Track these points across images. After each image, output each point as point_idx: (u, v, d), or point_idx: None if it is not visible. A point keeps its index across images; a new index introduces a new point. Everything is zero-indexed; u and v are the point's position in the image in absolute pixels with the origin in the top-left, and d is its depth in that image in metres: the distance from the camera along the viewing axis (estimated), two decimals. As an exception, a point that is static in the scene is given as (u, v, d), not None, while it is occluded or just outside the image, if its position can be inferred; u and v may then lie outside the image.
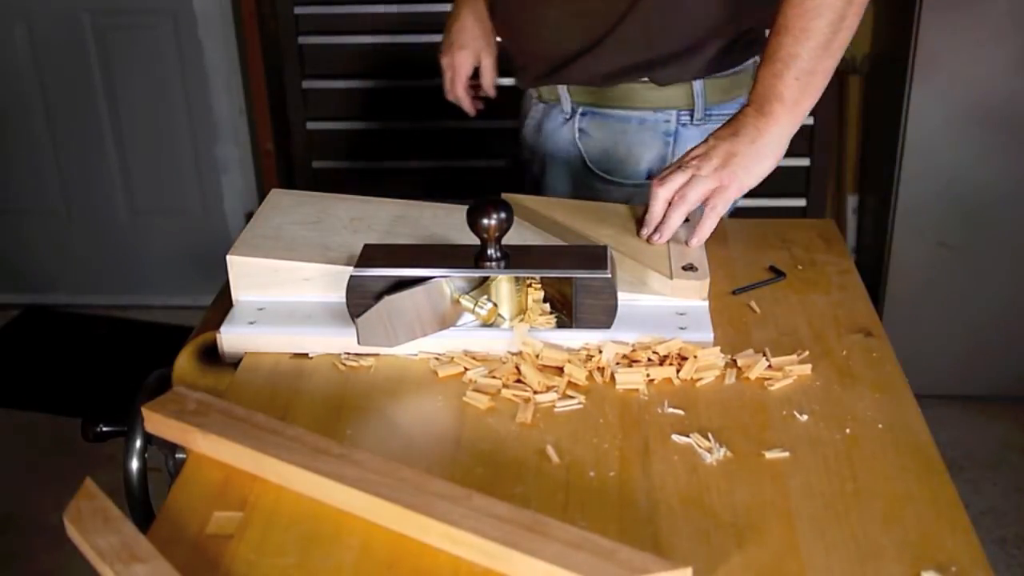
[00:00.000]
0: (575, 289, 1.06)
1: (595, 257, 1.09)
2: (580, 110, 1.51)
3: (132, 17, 2.88)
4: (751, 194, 1.24)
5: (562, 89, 1.52)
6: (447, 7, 2.30)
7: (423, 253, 1.11)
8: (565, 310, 1.09)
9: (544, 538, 0.79)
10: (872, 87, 2.67)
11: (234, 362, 1.10)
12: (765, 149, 1.21)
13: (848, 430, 0.96)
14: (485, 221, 1.05)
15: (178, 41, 2.90)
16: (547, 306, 1.12)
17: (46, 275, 3.20)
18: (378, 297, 1.05)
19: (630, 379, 1.02)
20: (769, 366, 1.04)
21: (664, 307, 1.12)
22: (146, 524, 0.89)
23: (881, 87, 2.57)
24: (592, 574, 0.76)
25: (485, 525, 0.81)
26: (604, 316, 1.07)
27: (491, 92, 1.63)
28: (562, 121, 1.54)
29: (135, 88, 2.95)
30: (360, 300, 1.06)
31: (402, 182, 2.50)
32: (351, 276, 1.06)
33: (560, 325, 1.09)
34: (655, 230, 1.20)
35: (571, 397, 1.01)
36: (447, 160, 2.44)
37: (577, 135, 1.52)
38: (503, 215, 1.05)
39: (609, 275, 1.06)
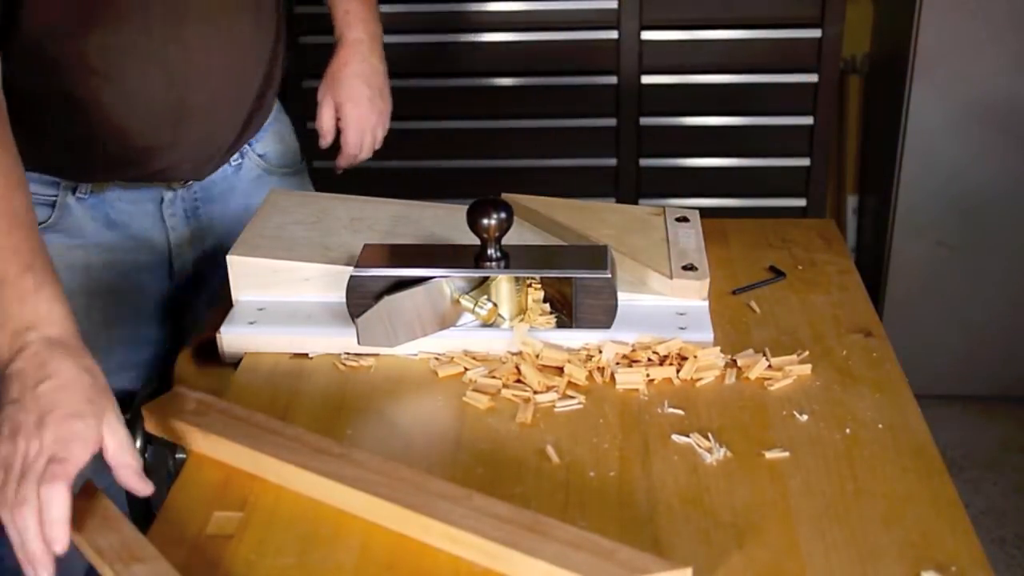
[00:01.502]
0: (575, 289, 1.06)
1: (595, 257, 1.09)
2: (255, 140, 1.38)
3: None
4: (751, 194, 1.25)
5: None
6: (449, 7, 2.32)
7: (423, 253, 1.11)
8: (565, 310, 1.09)
9: (544, 538, 0.79)
10: (872, 87, 2.67)
11: (234, 362, 1.10)
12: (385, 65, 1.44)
13: (848, 430, 0.96)
14: (485, 221, 1.05)
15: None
16: (547, 306, 1.12)
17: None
18: (378, 297, 1.05)
19: (630, 379, 1.02)
20: (769, 366, 1.04)
21: (664, 307, 1.12)
22: (146, 524, 0.89)
23: (881, 87, 2.57)
24: (592, 574, 0.76)
25: (485, 525, 0.81)
26: (604, 316, 1.07)
27: (147, 490, 0.88)
28: (255, 175, 1.39)
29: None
30: (360, 300, 1.06)
31: (402, 182, 2.49)
32: (351, 276, 1.06)
33: (560, 325, 1.09)
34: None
35: (571, 397, 1.01)
36: (447, 160, 2.43)
37: (266, 155, 1.41)
38: (503, 215, 1.05)
39: (609, 275, 1.06)
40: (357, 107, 1.41)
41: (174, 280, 1.31)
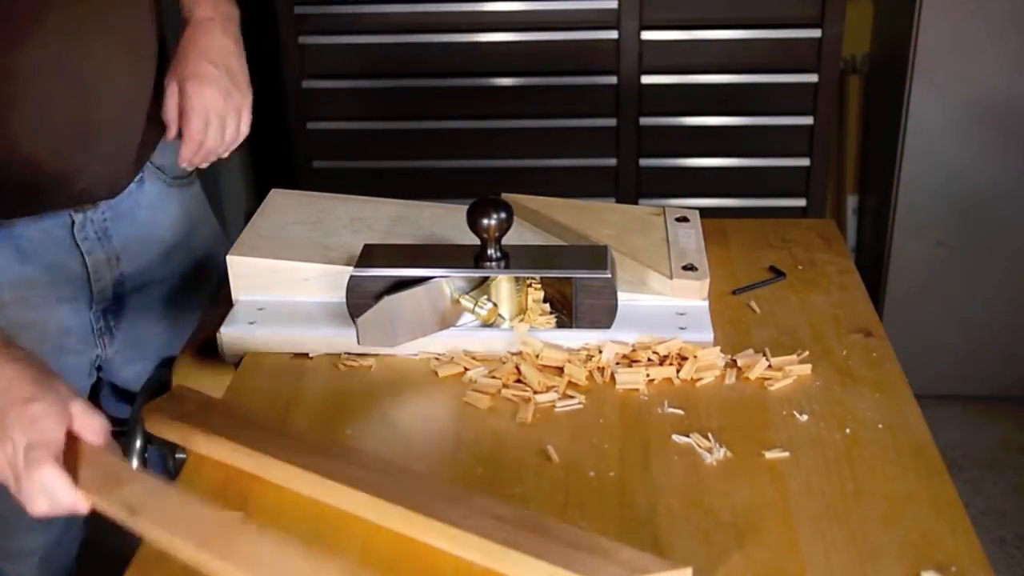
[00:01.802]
0: (575, 289, 1.06)
1: (595, 257, 1.09)
2: (153, 154, 1.30)
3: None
4: (751, 194, 1.25)
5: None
6: (450, 7, 2.32)
7: (423, 253, 1.11)
8: (565, 310, 1.09)
9: (544, 538, 0.79)
10: (872, 87, 2.67)
11: (234, 362, 1.10)
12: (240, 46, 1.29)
13: (848, 430, 0.96)
14: (485, 221, 1.05)
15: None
16: (547, 306, 1.12)
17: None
18: (378, 297, 1.05)
19: (630, 379, 1.02)
20: (769, 366, 1.04)
21: (664, 307, 1.12)
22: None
23: (881, 87, 2.57)
24: (592, 574, 0.76)
25: (485, 525, 0.81)
26: (604, 316, 1.07)
27: (116, 449, 0.92)
28: (161, 185, 1.33)
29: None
30: (360, 300, 1.06)
31: (402, 182, 2.49)
32: (351, 276, 1.06)
33: (560, 325, 1.09)
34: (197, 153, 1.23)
35: (571, 397, 1.01)
36: (447, 160, 2.43)
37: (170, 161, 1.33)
38: (503, 215, 1.05)
39: (609, 275, 1.06)
40: (200, 88, 1.22)
41: (93, 306, 1.26)
